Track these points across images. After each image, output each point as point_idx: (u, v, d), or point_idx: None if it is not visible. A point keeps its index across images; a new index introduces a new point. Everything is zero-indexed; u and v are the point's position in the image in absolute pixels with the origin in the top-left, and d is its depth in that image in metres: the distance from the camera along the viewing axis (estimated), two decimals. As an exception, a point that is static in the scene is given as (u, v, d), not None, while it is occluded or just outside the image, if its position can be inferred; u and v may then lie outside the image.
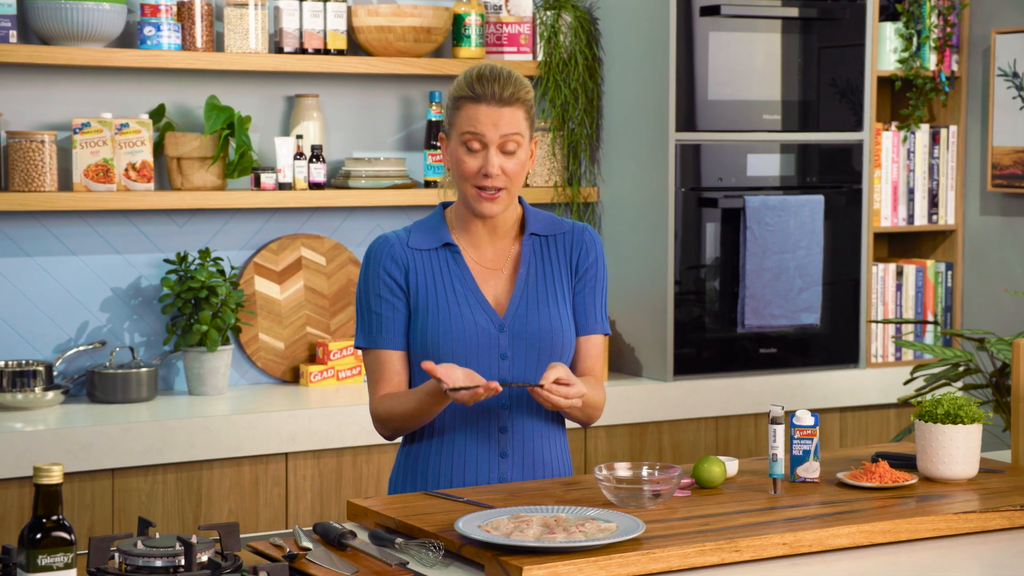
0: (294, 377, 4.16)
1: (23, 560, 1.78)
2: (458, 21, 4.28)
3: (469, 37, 4.28)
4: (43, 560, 1.77)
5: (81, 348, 3.91)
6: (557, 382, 2.54)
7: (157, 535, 2.16)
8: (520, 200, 2.76)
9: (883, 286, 4.64)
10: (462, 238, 2.72)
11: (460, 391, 2.49)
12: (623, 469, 2.53)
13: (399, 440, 2.86)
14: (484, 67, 2.65)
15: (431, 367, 2.50)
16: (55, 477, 1.78)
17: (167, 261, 3.95)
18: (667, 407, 4.19)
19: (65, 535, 1.78)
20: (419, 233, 2.71)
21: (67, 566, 1.77)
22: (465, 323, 2.65)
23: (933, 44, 4.65)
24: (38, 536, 1.77)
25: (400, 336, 2.68)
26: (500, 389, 2.52)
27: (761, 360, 4.36)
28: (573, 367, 2.76)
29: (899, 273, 4.67)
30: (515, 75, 2.66)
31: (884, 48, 4.63)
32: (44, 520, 1.78)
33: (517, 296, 2.69)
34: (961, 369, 3.83)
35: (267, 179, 4.03)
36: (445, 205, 2.76)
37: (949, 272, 4.75)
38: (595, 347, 2.76)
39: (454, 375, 2.51)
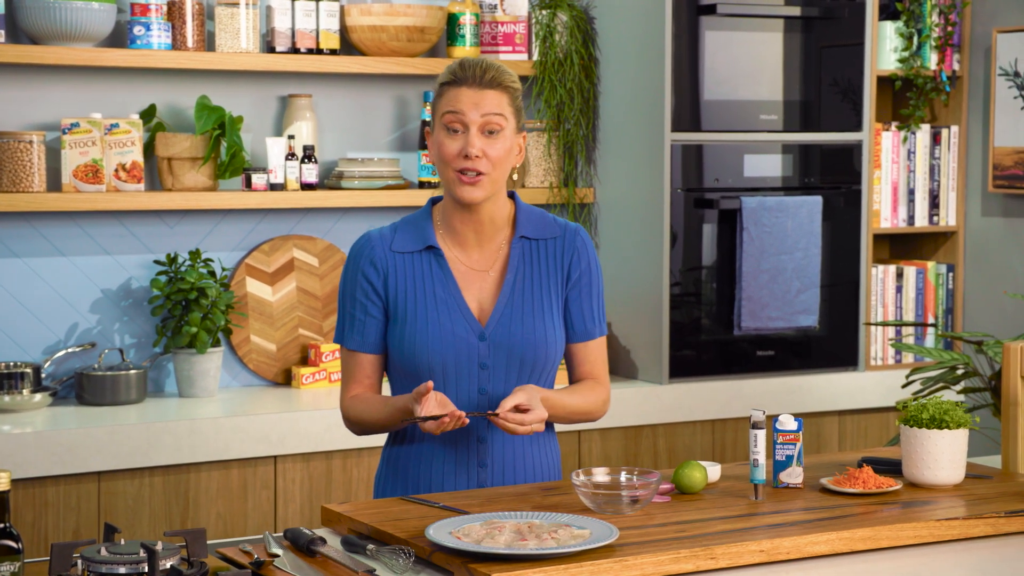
0: (286, 379, 4.13)
1: (-31, 568, 1.75)
2: (452, 20, 4.24)
3: (463, 36, 4.24)
4: (-11, 568, 1.74)
5: (70, 350, 3.88)
6: (516, 408, 2.51)
7: (122, 541, 2.13)
8: (513, 196, 2.71)
9: (883, 288, 4.59)
10: (447, 237, 2.66)
11: (427, 420, 2.47)
12: (601, 474, 2.49)
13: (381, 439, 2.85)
14: (468, 57, 2.63)
15: (426, 390, 2.47)
16: (2, 484, 1.75)
17: (157, 262, 3.93)
18: (663, 410, 4.15)
19: (11, 543, 1.75)
20: (404, 234, 2.66)
21: (13, 575, 1.73)
22: (443, 331, 2.60)
23: (934, 43, 4.60)
24: (-17, 544, 1.75)
25: (371, 340, 2.65)
26: (467, 421, 2.50)
27: (758, 362, 4.32)
28: (573, 373, 2.73)
29: (899, 275, 4.62)
30: (500, 64, 2.64)
31: (884, 47, 4.58)
32: (-10, 528, 1.76)
33: (502, 304, 2.64)
34: (959, 372, 3.78)
35: (259, 180, 4.00)
36: (434, 201, 2.71)
37: (950, 274, 4.70)
38: (595, 351, 2.72)
39: (428, 404, 2.48)
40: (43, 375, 3.82)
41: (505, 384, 2.62)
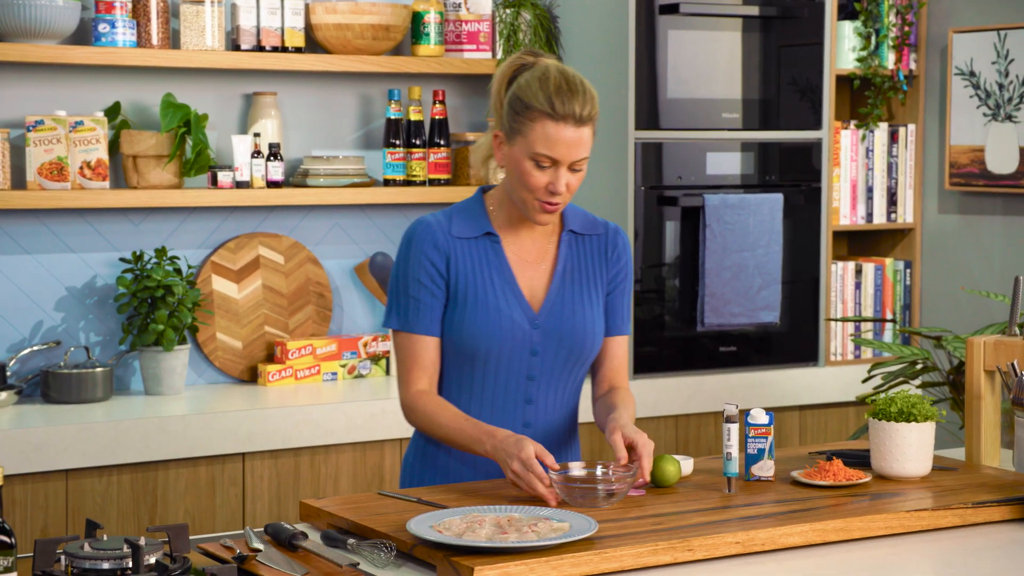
0: (252, 377, 4.13)
1: (-38, 564, 1.75)
2: (417, 19, 4.26)
3: (428, 35, 4.26)
4: (-18, 564, 1.75)
5: (35, 348, 3.87)
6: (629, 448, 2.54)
7: (105, 537, 2.14)
8: None
9: (842, 284, 4.65)
10: (502, 228, 2.70)
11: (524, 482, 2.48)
12: (577, 469, 2.52)
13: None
14: (561, 77, 2.57)
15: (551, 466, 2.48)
16: (-5, 479, 1.75)
17: (123, 260, 3.92)
18: (626, 406, 4.18)
19: (5, 538, 1.76)
20: (460, 220, 2.68)
21: (7, 570, 1.74)
22: (501, 317, 2.64)
23: (891, 43, 4.66)
24: (-23, 540, 1.75)
25: (436, 323, 2.66)
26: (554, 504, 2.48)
27: (721, 358, 4.36)
28: (599, 367, 2.79)
29: (858, 271, 4.68)
30: (589, 88, 2.59)
31: (843, 47, 4.64)
32: (-17, 523, 1.76)
33: (553, 292, 2.69)
34: (918, 367, 3.84)
35: (224, 177, 4.00)
36: (484, 190, 2.73)
37: (908, 270, 4.77)
38: (620, 347, 2.80)
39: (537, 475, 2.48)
40: (8, 373, 3.80)
41: (551, 371, 2.68)
